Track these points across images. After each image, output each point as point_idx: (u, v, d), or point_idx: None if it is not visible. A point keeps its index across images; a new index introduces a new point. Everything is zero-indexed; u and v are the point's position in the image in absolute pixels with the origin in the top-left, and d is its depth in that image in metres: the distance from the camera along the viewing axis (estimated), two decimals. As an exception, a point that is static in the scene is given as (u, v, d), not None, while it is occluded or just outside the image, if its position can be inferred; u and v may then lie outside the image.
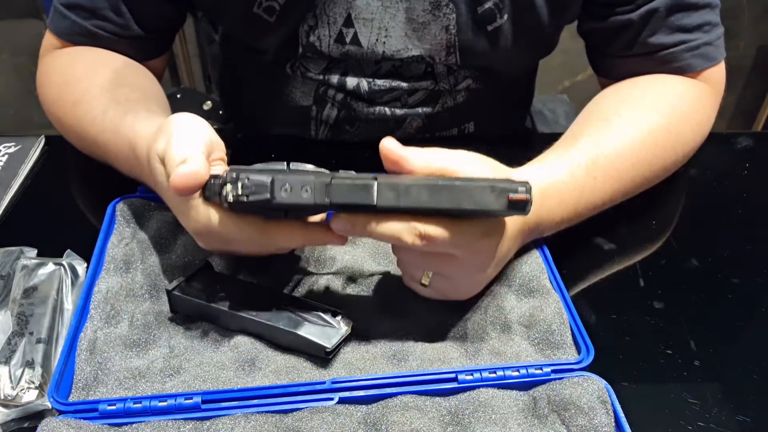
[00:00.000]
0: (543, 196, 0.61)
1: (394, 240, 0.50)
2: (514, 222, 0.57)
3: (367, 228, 0.50)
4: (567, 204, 0.63)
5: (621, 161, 0.67)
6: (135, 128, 0.63)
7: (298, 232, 0.54)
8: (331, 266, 0.63)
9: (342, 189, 0.48)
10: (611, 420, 0.51)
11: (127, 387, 0.53)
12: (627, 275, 0.68)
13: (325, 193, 0.48)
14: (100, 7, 0.75)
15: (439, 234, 0.50)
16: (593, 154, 0.66)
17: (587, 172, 0.64)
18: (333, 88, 0.83)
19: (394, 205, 0.48)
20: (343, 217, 0.51)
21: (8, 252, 0.65)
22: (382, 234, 0.50)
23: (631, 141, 0.68)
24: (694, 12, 0.75)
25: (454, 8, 0.75)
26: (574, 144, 0.67)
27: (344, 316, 0.56)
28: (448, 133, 0.90)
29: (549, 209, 0.62)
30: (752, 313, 0.64)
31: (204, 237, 0.55)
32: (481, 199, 0.48)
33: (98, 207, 0.67)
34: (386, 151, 0.51)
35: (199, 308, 0.57)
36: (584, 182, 0.64)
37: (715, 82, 0.79)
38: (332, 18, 0.76)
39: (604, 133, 0.68)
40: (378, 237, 0.51)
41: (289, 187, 0.48)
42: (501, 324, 0.59)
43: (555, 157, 0.65)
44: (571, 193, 0.63)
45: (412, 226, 0.50)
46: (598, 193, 0.66)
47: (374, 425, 0.51)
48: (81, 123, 0.71)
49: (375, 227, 0.50)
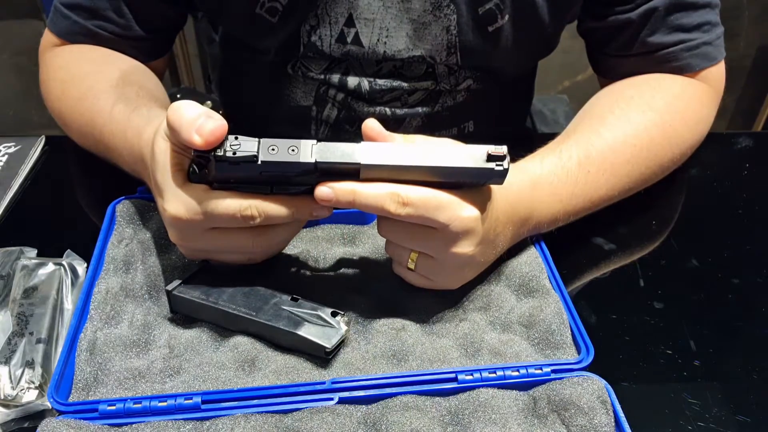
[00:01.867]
0: (533, 187, 0.61)
1: (377, 209, 0.51)
2: (500, 201, 0.57)
3: (351, 195, 0.51)
4: (561, 196, 0.64)
5: (615, 156, 0.67)
6: (146, 121, 0.62)
7: (283, 203, 0.53)
8: (331, 266, 0.63)
9: (328, 148, 0.50)
10: (611, 420, 0.51)
11: (127, 387, 0.53)
12: (627, 275, 0.68)
13: (310, 153, 0.50)
14: (101, 8, 0.75)
15: (420, 197, 0.51)
16: (585, 149, 0.66)
17: (580, 165, 0.65)
18: (334, 87, 0.83)
19: (377, 163, 0.50)
20: (327, 185, 0.51)
21: (8, 252, 0.65)
22: (366, 200, 0.51)
23: (624, 136, 0.69)
24: (693, 11, 0.75)
25: (455, 9, 0.75)
26: (567, 140, 0.67)
27: (344, 316, 0.57)
28: (448, 133, 0.90)
29: (541, 201, 0.62)
30: (752, 313, 0.65)
31: (183, 223, 0.53)
32: (459, 156, 0.51)
33: (98, 207, 0.67)
34: (368, 130, 0.53)
35: (199, 308, 0.57)
36: (577, 175, 0.64)
37: (715, 82, 0.79)
38: (333, 18, 0.76)
39: (597, 129, 0.69)
40: (361, 205, 0.52)
41: (275, 148, 0.49)
42: (501, 324, 0.59)
43: (546, 151, 0.66)
44: (564, 186, 0.64)
45: (394, 192, 0.51)
46: (592, 187, 0.66)
47: (374, 425, 0.51)
48: (86, 116, 0.71)
49: (358, 193, 0.51)
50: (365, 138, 0.53)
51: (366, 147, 0.50)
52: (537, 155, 0.65)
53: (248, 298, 0.57)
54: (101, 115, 0.69)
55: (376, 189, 0.51)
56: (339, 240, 0.66)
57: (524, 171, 0.63)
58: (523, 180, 0.61)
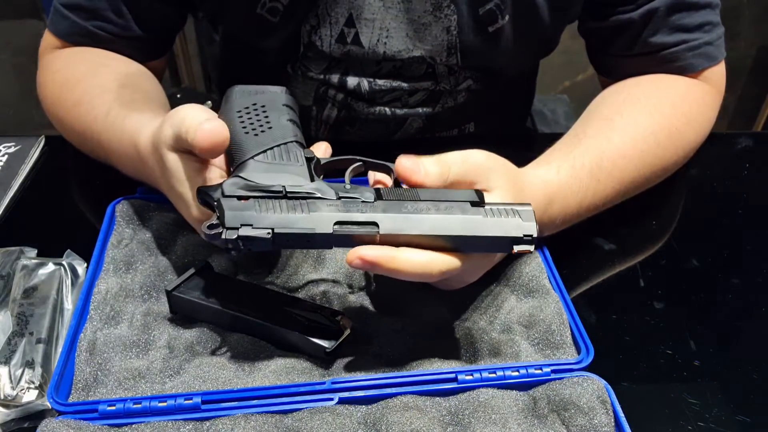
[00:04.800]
0: (548, 202, 0.61)
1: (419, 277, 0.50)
2: None
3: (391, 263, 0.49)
4: (570, 207, 0.64)
5: (624, 163, 0.68)
6: (140, 126, 0.62)
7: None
8: (332, 266, 0.63)
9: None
10: (611, 420, 0.51)
11: (127, 387, 0.53)
12: (627, 275, 0.68)
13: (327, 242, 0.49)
14: (100, 8, 0.75)
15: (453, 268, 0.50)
16: (597, 157, 0.66)
17: (591, 174, 0.65)
18: (333, 88, 0.83)
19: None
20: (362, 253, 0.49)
21: (8, 252, 0.65)
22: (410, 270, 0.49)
23: (634, 142, 0.69)
24: (694, 12, 0.75)
25: (456, 9, 0.75)
26: (578, 145, 0.67)
27: (344, 316, 0.56)
28: (448, 133, 0.90)
29: (552, 212, 0.62)
30: (752, 313, 0.64)
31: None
32: (483, 246, 0.51)
33: (98, 207, 0.67)
34: (402, 170, 0.52)
35: (199, 309, 0.57)
36: (587, 185, 0.65)
37: (716, 82, 0.79)
38: (334, 18, 0.76)
39: (607, 134, 0.69)
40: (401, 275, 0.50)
41: (290, 242, 0.49)
42: (501, 324, 0.59)
43: (560, 158, 0.65)
44: (575, 197, 0.64)
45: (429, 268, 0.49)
46: (600, 195, 0.66)
47: (374, 425, 0.51)
48: (82, 122, 0.71)
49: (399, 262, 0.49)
50: (398, 176, 0.52)
51: (385, 234, 0.49)
52: (552, 162, 0.65)
53: (248, 298, 0.57)
54: (96, 122, 0.69)
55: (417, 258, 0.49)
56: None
57: (542, 183, 0.62)
58: (542, 195, 0.61)
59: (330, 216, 0.49)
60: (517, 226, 0.50)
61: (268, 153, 0.53)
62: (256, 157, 0.53)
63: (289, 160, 0.53)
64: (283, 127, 0.55)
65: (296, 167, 0.52)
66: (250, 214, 0.48)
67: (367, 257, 0.48)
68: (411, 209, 0.50)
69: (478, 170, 0.54)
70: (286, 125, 0.56)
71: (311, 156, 0.54)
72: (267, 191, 0.50)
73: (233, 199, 0.49)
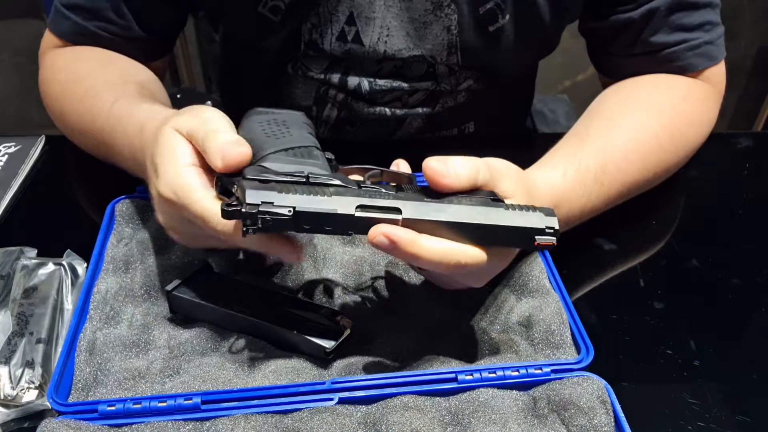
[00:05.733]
0: (554, 207, 0.61)
1: (438, 267, 0.49)
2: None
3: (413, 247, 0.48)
4: (573, 210, 0.64)
5: (627, 165, 0.68)
6: (153, 113, 0.61)
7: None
8: (332, 266, 0.63)
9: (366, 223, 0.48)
10: (611, 420, 0.51)
11: (127, 388, 0.53)
12: (627, 275, 0.68)
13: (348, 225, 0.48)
14: (101, 8, 0.75)
15: (471, 260, 0.49)
16: (602, 160, 0.66)
17: (596, 179, 0.65)
18: (334, 87, 0.83)
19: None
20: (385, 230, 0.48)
21: (8, 252, 0.65)
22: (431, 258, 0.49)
23: (637, 144, 0.69)
24: (695, 11, 0.75)
25: (456, 8, 0.75)
26: (583, 147, 0.67)
27: (344, 316, 0.56)
28: (448, 133, 0.90)
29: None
30: (752, 313, 0.64)
31: (171, 207, 0.52)
32: (505, 237, 0.50)
33: (98, 207, 0.67)
34: (431, 172, 0.50)
35: (199, 309, 0.57)
36: (591, 189, 0.65)
37: (716, 82, 0.79)
38: (335, 16, 0.76)
39: (610, 135, 0.69)
40: (422, 262, 0.49)
41: (311, 223, 0.47)
42: (501, 324, 0.59)
43: (565, 161, 0.65)
44: (579, 200, 0.64)
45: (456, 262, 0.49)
46: (603, 198, 0.66)
47: (374, 425, 0.51)
48: (85, 118, 0.71)
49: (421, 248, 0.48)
50: (425, 177, 0.51)
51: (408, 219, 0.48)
52: (558, 165, 0.64)
53: (248, 298, 0.57)
54: (101, 114, 0.68)
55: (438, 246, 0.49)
56: (339, 240, 0.66)
57: (549, 188, 0.62)
58: (548, 200, 0.61)
59: (353, 199, 0.48)
60: (540, 219, 0.50)
61: (288, 151, 0.53)
62: (276, 153, 0.52)
63: (309, 158, 0.53)
64: (303, 135, 0.55)
65: (317, 162, 0.52)
66: (272, 194, 0.47)
67: (390, 235, 0.47)
68: (433, 198, 0.50)
69: (498, 175, 0.53)
70: (306, 135, 0.56)
71: (331, 158, 0.54)
72: (290, 175, 0.49)
73: (255, 181, 0.48)
